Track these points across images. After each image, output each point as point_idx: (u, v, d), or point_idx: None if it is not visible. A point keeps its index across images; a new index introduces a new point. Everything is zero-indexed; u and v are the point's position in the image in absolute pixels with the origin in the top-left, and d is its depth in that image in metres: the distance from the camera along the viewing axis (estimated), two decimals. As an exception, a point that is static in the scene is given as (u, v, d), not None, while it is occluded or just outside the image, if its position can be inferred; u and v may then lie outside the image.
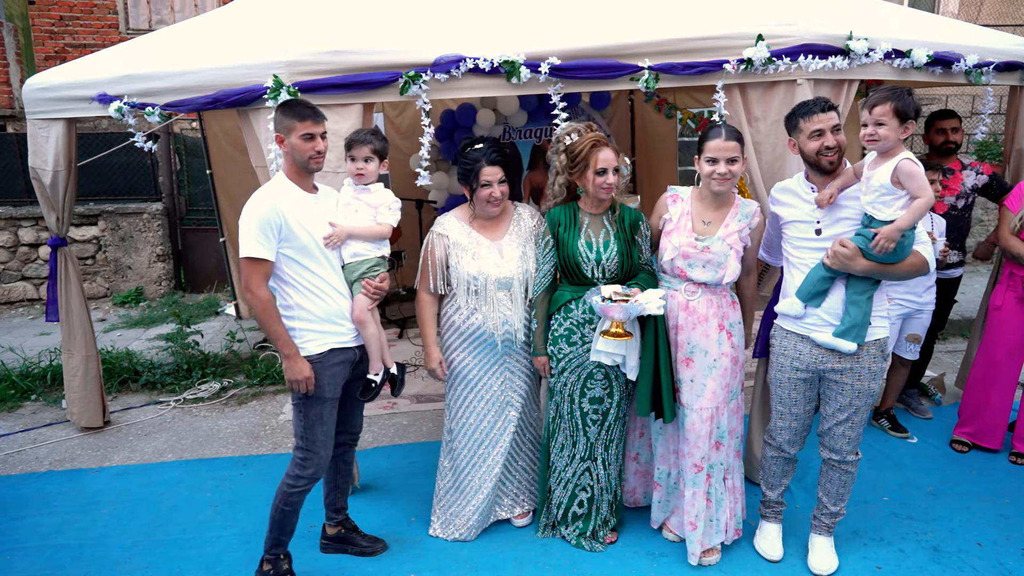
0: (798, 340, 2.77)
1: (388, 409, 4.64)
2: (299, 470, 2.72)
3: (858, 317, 2.61)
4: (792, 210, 2.75)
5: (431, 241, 3.02)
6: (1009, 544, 3.03)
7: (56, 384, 5.04)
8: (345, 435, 3.00)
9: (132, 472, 3.89)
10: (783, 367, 2.83)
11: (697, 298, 2.85)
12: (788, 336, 2.81)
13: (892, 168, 2.42)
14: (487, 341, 2.99)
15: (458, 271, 2.96)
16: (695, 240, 2.79)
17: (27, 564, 3.06)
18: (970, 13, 9.23)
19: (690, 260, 2.80)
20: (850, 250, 2.54)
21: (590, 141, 2.83)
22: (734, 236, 2.78)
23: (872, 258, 2.53)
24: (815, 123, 2.57)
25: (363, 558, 3.03)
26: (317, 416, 2.70)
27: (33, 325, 6.92)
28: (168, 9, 9.28)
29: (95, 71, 3.54)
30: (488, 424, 3.06)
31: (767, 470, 3.04)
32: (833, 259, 2.58)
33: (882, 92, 2.44)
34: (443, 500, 3.17)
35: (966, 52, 3.44)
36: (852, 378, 2.69)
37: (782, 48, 3.04)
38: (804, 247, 2.72)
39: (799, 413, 2.86)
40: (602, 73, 3.06)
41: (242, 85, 3.07)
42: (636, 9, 3.34)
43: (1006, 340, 3.72)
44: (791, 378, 2.81)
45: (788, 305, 2.75)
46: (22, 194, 7.52)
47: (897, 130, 2.42)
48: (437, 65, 3.02)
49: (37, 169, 3.92)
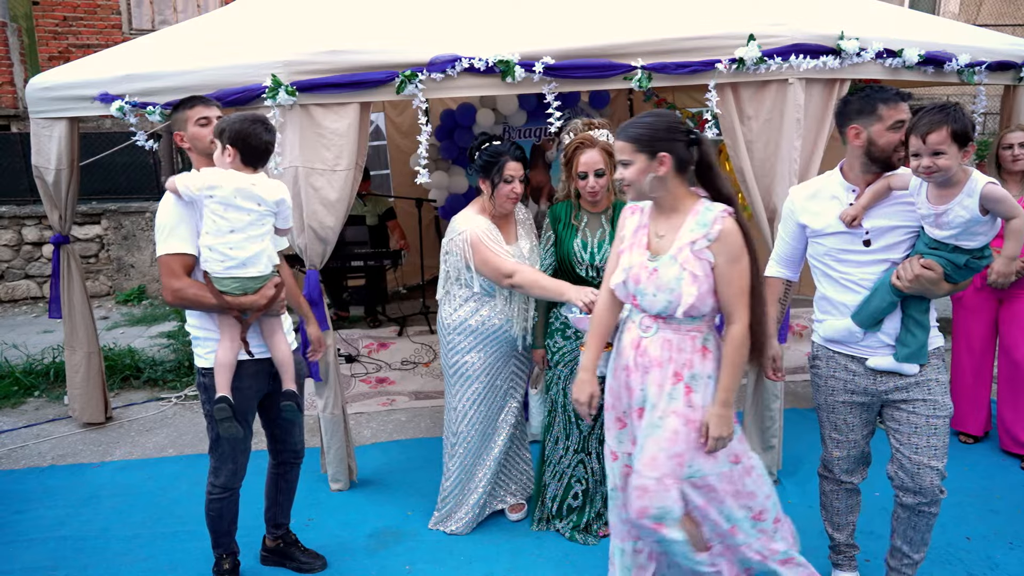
0: (848, 361, 2.42)
1: (386, 406, 4.68)
2: (212, 477, 2.67)
3: (923, 337, 2.30)
4: (827, 219, 2.35)
5: (482, 234, 2.86)
6: (998, 539, 3.06)
7: (59, 381, 5.09)
8: (286, 453, 2.86)
9: (133, 467, 3.94)
10: (835, 391, 2.47)
11: (651, 336, 2.23)
12: (836, 358, 2.45)
13: (976, 198, 2.08)
14: (504, 340, 3.00)
15: None
16: (647, 260, 2.22)
17: (30, 556, 3.11)
18: (970, 13, 9.25)
19: (641, 285, 2.21)
20: (938, 274, 2.17)
21: (576, 142, 2.84)
22: (686, 252, 2.15)
23: (953, 280, 2.21)
24: (900, 112, 2.20)
25: (359, 553, 3.07)
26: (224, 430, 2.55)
27: (36, 322, 6.98)
28: (171, 9, 9.34)
29: (97, 71, 3.59)
30: (492, 422, 3.10)
31: (829, 508, 2.67)
32: (915, 282, 2.19)
33: (933, 115, 2.04)
34: (448, 499, 3.19)
35: (958, 52, 3.47)
36: (922, 392, 2.34)
37: (773, 48, 3.07)
38: (850, 261, 2.34)
39: (857, 439, 2.52)
40: (595, 72, 3.10)
41: (241, 84, 3.11)
42: (629, 9, 3.38)
43: (970, 330, 3.80)
44: (846, 402, 2.46)
45: (843, 332, 2.39)
46: (26, 193, 7.59)
47: (958, 156, 2.05)
48: (433, 64, 3.06)
49: (40, 168, 3.97)
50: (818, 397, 2.56)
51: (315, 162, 3.16)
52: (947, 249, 2.18)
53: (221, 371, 2.49)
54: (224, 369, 2.49)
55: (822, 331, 2.48)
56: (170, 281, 2.42)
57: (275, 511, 2.95)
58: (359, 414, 4.53)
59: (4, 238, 7.68)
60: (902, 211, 2.25)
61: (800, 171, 3.20)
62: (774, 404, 3.41)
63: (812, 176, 3.25)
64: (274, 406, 2.72)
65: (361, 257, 5.95)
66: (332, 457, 3.52)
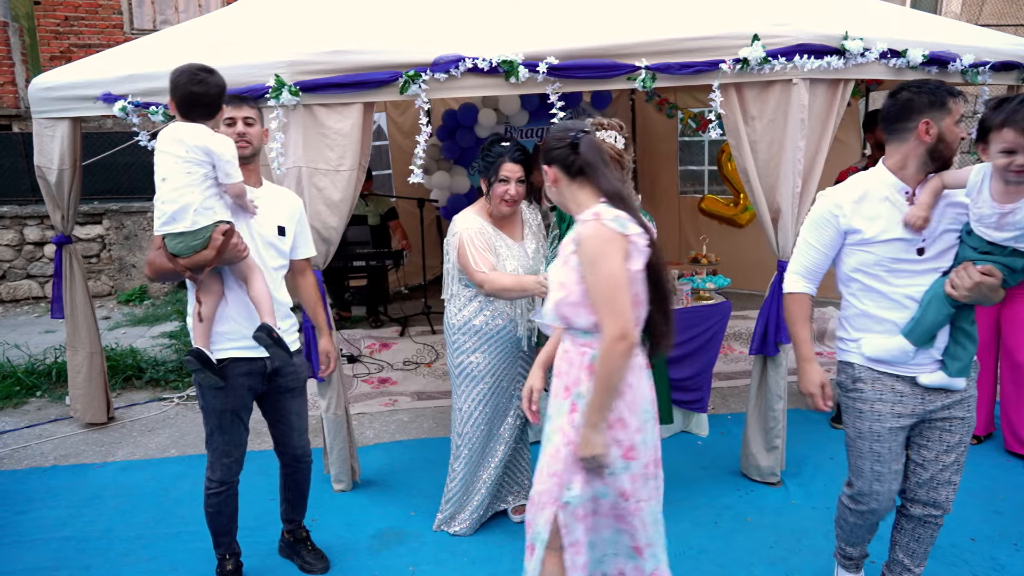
0: (895, 381, 2.21)
1: (389, 406, 4.68)
2: (208, 471, 2.68)
3: (973, 349, 2.17)
4: (882, 224, 2.13)
5: (472, 234, 2.87)
6: (1002, 540, 3.05)
7: (61, 381, 5.09)
8: (286, 456, 2.84)
9: (135, 467, 3.94)
10: (882, 416, 2.23)
11: (562, 345, 2.15)
12: (882, 379, 2.22)
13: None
14: (509, 340, 3.00)
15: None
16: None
17: (33, 556, 3.11)
18: (972, 13, 9.24)
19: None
20: (998, 279, 2.02)
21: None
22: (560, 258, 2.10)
23: (1007, 284, 2.08)
24: (961, 107, 2.08)
25: (362, 553, 3.07)
26: (216, 426, 2.59)
27: (38, 322, 6.98)
28: (172, 9, 9.34)
29: (100, 71, 3.59)
30: (497, 424, 3.09)
31: (848, 531, 2.50)
32: (973, 291, 2.03)
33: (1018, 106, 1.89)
34: (452, 500, 3.18)
35: (962, 52, 3.46)
36: (963, 411, 2.22)
37: (778, 48, 3.07)
38: (902, 271, 2.14)
39: (899, 470, 2.30)
40: (599, 73, 3.09)
41: (245, 84, 3.10)
42: (633, 9, 3.38)
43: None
44: (892, 428, 2.23)
45: (894, 352, 2.17)
46: (27, 193, 7.59)
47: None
48: (436, 65, 3.06)
49: (43, 168, 3.97)
50: (859, 425, 2.28)
51: (318, 162, 3.16)
52: (1003, 252, 2.03)
53: (195, 326, 2.48)
54: (197, 324, 2.46)
55: (866, 351, 2.23)
56: (149, 253, 2.45)
57: (285, 507, 2.99)
58: (361, 414, 4.52)
59: (6, 238, 7.68)
60: (953, 214, 2.11)
61: (804, 171, 3.20)
62: (777, 405, 3.40)
63: (816, 177, 3.26)
64: (272, 408, 2.74)
65: (363, 257, 5.94)
66: (335, 458, 3.52)
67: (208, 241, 2.34)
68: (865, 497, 2.33)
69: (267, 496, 3.51)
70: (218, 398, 2.55)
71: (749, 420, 3.53)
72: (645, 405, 2.08)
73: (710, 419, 4.19)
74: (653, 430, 2.11)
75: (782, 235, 3.28)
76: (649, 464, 2.09)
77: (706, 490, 3.49)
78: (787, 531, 3.12)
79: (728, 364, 5.26)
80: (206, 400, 2.57)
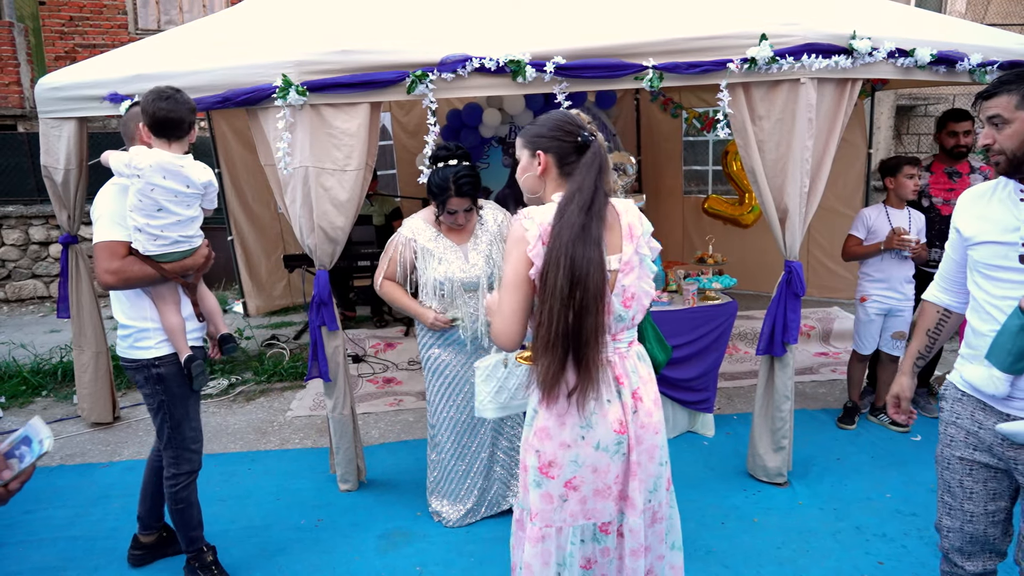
0: (976, 408, 1.92)
1: (394, 406, 4.68)
2: (174, 468, 2.70)
3: None
4: (984, 225, 1.89)
5: (399, 243, 3.04)
6: (1011, 541, 3.04)
7: (67, 380, 5.10)
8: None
9: (142, 467, 3.87)
10: (953, 441, 1.98)
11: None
12: (963, 400, 1.96)
13: None
14: (458, 340, 3.06)
15: (425, 275, 3.01)
16: None
17: (40, 556, 3.11)
18: (977, 12, 9.21)
19: None
20: None
21: None
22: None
23: None
24: None
25: (369, 553, 3.07)
26: (184, 415, 2.66)
27: (44, 322, 6.99)
28: (177, 10, 9.36)
29: (106, 71, 3.59)
30: (468, 415, 3.13)
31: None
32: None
33: None
34: (435, 491, 3.26)
35: (970, 51, 3.45)
36: None
37: (785, 47, 3.06)
38: (999, 280, 1.85)
39: (976, 513, 1.96)
40: (607, 72, 3.09)
41: (251, 84, 3.11)
42: (641, 9, 3.37)
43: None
44: (964, 459, 1.96)
45: (984, 382, 1.86)
46: (32, 193, 7.61)
47: None
48: (443, 64, 3.06)
49: (49, 168, 3.98)
50: (937, 446, 2.06)
51: (325, 162, 3.16)
52: None
53: (177, 335, 2.58)
54: (179, 332, 2.59)
55: (964, 369, 1.97)
56: (111, 263, 2.48)
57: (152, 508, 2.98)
58: (367, 414, 4.52)
59: (11, 238, 7.69)
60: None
61: (812, 171, 3.19)
62: (784, 405, 3.39)
63: (824, 176, 3.25)
64: None
65: (368, 257, 5.95)
66: (341, 458, 3.52)
67: (194, 250, 2.61)
68: (940, 529, 2.09)
69: (273, 496, 3.52)
70: (183, 386, 2.64)
71: (756, 420, 3.52)
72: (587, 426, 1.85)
73: (716, 419, 4.18)
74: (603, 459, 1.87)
75: (789, 235, 3.27)
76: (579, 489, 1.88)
77: (712, 490, 3.48)
78: (794, 532, 3.11)
79: (734, 364, 5.25)
80: (172, 393, 2.61)
